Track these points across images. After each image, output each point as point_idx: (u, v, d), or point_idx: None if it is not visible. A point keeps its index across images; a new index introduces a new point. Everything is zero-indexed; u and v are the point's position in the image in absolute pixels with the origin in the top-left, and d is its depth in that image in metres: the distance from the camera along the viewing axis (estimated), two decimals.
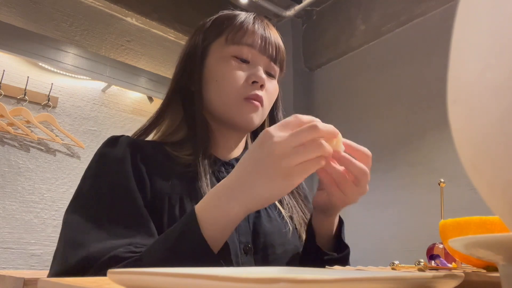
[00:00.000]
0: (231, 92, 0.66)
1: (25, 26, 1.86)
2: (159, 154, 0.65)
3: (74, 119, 1.98)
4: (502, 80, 0.17)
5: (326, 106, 2.36)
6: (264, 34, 0.70)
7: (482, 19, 0.18)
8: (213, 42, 0.70)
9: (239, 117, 0.68)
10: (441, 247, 0.49)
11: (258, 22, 0.70)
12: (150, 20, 2.28)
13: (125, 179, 0.58)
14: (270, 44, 0.70)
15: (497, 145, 0.17)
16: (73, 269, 0.49)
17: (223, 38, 0.69)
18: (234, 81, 0.66)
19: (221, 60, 0.68)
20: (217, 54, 0.69)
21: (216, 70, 0.68)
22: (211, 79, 0.69)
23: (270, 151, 0.46)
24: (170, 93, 0.73)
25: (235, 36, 0.68)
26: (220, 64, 0.68)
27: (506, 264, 0.21)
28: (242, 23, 0.69)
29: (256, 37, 0.69)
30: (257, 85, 0.67)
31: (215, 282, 0.19)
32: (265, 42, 0.69)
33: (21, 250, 1.72)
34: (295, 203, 0.73)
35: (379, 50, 2.12)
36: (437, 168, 1.73)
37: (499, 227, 0.37)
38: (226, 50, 0.68)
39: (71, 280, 0.28)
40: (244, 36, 0.68)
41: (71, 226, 0.55)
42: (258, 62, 0.69)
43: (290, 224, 0.69)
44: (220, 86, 0.67)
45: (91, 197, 0.57)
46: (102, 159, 0.62)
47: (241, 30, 0.68)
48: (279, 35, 0.74)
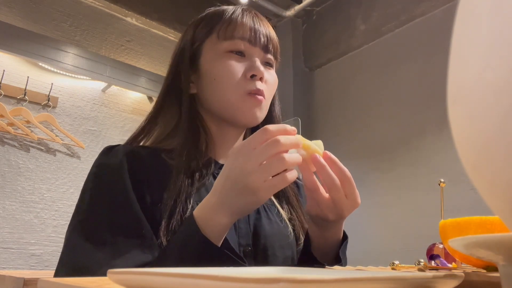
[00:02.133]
0: (231, 89, 0.65)
1: (25, 26, 1.86)
2: (155, 163, 0.63)
3: (74, 119, 1.98)
4: (502, 80, 0.17)
5: (326, 106, 2.36)
6: (254, 25, 0.68)
7: (482, 19, 0.18)
8: (205, 41, 0.69)
9: (241, 113, 0.66)
10: (441, 247, 0.49)
11: (247, 14, 0.69)
12: (150, 20, 2.28)
13: (123, 191, 0.57)
14: (262, 34, 0.68)
15: (497, 145, 0.17)
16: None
17: (214, 35, 0.67)
18: (233, 77, 0.65)
19: (215, 57, 0.67)
20: (210, 52, 0.68)
21: (212, 68, 0.67)
22: (208, 78, 0.67)
23: (239, 169, 0.48)
24: (162, 96, 0.71)
25: (226, 31, 0.66)
26: (216, 62, 0.66)
27: (506, 264, 0.21)
28: (231, 17, 0.68)
29: (247, 29, 0.67)
30: (256, 78, 0.66)
31: (215, 282, 0.19)
32: (256, 33, 0.68)
33: (21, 250, 1.72)
34: (295, 206, 0.73)
35: (379, 50, 2.12)
36: (437, 168, 1.72)
37: (499, 227, 0.37)
38: (219, 47, 0.67)
39: (71, 280, 0.28)
40: (235, 29, 0.67)
41: (71, 247, 0.54)
42: (252, 54, 0.67)
43: (290, 227, 0.69)
44: (219, 84, 0.66)
45: (90, 213, 0.56)
46: (99, 171, 0.61)
47: (231, 24, 0.67)
48: (270, 25, 0.72)
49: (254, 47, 0.68)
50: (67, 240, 0.56)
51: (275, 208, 0.70)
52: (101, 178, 0.60)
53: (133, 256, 0.52)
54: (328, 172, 0.53)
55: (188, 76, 0.69)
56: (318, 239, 0.62)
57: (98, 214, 0.56)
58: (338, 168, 0.53)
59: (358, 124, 2.13)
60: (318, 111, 2.38)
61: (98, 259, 0.51)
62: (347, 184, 0.54)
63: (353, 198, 0.55)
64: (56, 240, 1.81)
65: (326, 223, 0.59)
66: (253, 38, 0.67)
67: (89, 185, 0.60)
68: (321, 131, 2.35)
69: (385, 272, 0.31)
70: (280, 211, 0.70)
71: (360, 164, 2.03)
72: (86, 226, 0.55)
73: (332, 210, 0.55)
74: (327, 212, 0.56)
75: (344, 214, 0.56)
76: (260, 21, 0.70)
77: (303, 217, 0.72)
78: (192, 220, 0.50)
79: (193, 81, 0.70)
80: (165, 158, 0.64)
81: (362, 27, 2.20)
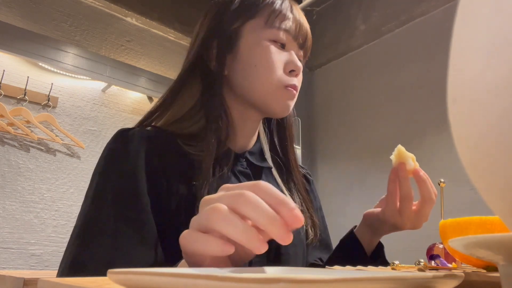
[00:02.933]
0: (271, 80, 0.64)
1: (25, 26, 1.86)
2: (172, 149, 0.61)
3: (74, 119, 1.98)
4: (502, 80, 0.17)
5: (326, 106, 2.36)
6: (300, 20, 0.68)
7: (482, 19, 0.18)
8: (247, 23, 0.66)
9: (276, 103, 0.65)
10: (441, 247, 0.49)
11: (293, 6, 0.68)
12: (150, 20, 2.28)
13: (133, 181, 0.55)
14: (302, 30, 0.68)
15: (496, 145, 0.17)
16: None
17: (262, 20, 0.65)
18: (275, 68, 0.64)
19: (257, 43, 0.64)
20: (252, 36, 0.65)
21: (254, 54, 0.64)
22: (247, 63, 0.64)
23: None
24: (185, 74, 0.68)
25: (275, 20, 0.65)
26: (258, 48, 0.64)
27: (506, 264, 0.21)
28: (281, 7, 0.66)
29: (293, 22, 0.66)
30: (294, 74, 0.66)
31: (215, 282, 0.19)
32: (300, 28, 0.67)
33: (21, 250, 1.72)
34: (306, 199, 0.74)
35: (379, 50, 2.12)
36: (437, 168, 1.72)
37: (499, 227, 0.37)
38: (263, 33, 0.65)
39: (71, 280, 0.28)
40: (284, 20, 0.65)
41: (74, 235, 0.53)
42: (291, 48, 0.67)
43: None
44: (259, 72, 0.64)
45: (95, 201, 0.55)
46: (111, 156, 0.58)
47: (281, 14, 0.65)
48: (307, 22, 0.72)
49: (294, 42, 0.67)
50: (75, 225, 0.55)
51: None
52: (111, 164, 0.58)
53: (135, 253, 0.51)
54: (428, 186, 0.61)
55: (224, 55, 0.66)
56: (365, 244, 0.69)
57: (102, 206, 0.54)
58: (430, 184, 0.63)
59: (358, 124, 2.13)
60: (318, 111, 2.38)
61: (96, 254, 0.50)
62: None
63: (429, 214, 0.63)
64: (56, 240, 1.81)
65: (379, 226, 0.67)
66: (297, 32, 0.67)
67: (98, 169, 0.58)
68: (321, 131, 2.35)
69: (385, 272, 0.31)
70: None
71: (360, 164, 2.03)
72: (88, 216, 0.54)
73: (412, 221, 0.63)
74: (407, 221, 0.63)
75: (419, 226, 0.64)
76: (302, 15, 0.69)
77: (313, 210, 0.73)
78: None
79: (230, 62, 0.67)
80: (181, 144, 0.62)
81: (362, 27, 2.20)
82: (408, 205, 0.63)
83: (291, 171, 0.74)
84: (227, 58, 0.66)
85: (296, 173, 0.74)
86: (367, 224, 0.70)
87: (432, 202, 0.62)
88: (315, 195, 0.82)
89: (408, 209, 0.62)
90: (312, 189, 0.82)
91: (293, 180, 0.73)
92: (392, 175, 0.64)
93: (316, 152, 2.36)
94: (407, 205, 0.62)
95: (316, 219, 0.71)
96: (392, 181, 0.64)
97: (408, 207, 0.62)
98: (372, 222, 0.69)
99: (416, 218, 0.63)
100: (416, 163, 0.62)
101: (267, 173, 0.71)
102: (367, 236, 0.70)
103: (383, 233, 0.70)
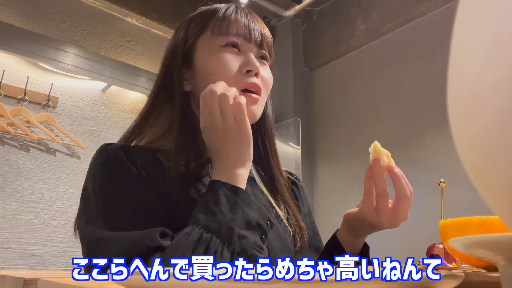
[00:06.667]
0: (228, 84, 0.63)
1: (25, 26, 1.86)
2: (152, 162, 0.62)
3: (74, 119, 1.98)
4: (501, 79, 0.17)
5: (326, 106, 2.36)
6: (248, 23, 0.68)
7: (482, 19, 0.18)
8: (199, 37, 0.68)
9: None
10: (441, 247, 0.49)
11: (241, 12, 0.69)
12: (150, 20, 2.28)
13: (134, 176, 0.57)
14: (256, 31, 0.68)
15: (497, 144, 0.17)
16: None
17: (209, 31, 0.67)
18: (228, 71, 0.64)
19: (210, 53, 0.66)
20: (205, 48, 0.66)
21: (207, 63, 0.65)
22: (203, 74, 0.65)
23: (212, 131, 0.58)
24: (154, 95, 0.70)
25: (221, 27, 0.66)
26: (211, 57, 0.65)
27: (506, 264, 0.21)
28: (225, 14, 0.67)
29: (241, 26, 0.67)
30: (252, 74, 0.65)
31: (215, 282, 0.19)
32: (250, 30, 0.67)
33: (21, 250, 1.72)
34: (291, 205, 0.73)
35: (379, 50, 2.12)
36: (437, 168, 1.73)
37: (499, 227, 0.37)
38: (213, 43, 0.66)
39: (71, 280, 0.28)
40: (230, 26, 0.66)
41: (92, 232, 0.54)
42: (247, 50, 0.67)
43: (289, 228, 0.69)
44: (214, 79, 0.63)
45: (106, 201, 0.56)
46: (105, 164, 0.60)
47: (225, 21, 0.66)
48: (263, 22, 0.72)
49: (249, 44, 0.67)
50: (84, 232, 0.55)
51: (273, 210, 0.69)
52: (109, 168, 0.59)
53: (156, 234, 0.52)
54: (402, 183, 0.59)
55: (181, 73, 0.67)
56: (348, 246, 0.68)
57: (115, 200, 0.55)
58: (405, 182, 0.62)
59: (358, 124, 2.13)
60: (318, 111, 2.38)
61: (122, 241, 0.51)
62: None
63: (407, 212, 0.60)
64: (56, 240, 1.81)
65: (358, 227, 0.65)
66: (248, 34, 0.67)
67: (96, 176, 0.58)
68: (321, 131, 2.35)
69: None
70: (278, 211, 0.69)
71: (360, 164, 2.03)
72: (104, 216, 0.54)
73: (389, 219, 0.61)
74: (385, 220, 0.61)
75: (397, 225, 0.62)
76: (254, 19, 0.70)
77: (299, 215, 0.72)
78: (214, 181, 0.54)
79: (187, 79, 0.68)
80: (161, 158, 0.63)
81: (362, 27, 2.20)
82: (384, 202, 0.61)
83: (273, 178, 0.73)
84: (186, 74, 0.68)
85: (280, 180, 0.73)
86: (348, 225, 0.69)
87: (407, 199, 0.60)
88: (304, 201, 0.81)
89: (384, 206, 0.60)
90: (301, 194, 0.81)
91: (277, 188, 0.72)
92: (368, 172, 0.62)
93: (316, 152, 2.36)
94: (383, 202, 0.61)
95: (303, 224, 0.70)
96: (368, 179, 0.62)
97: (384, 204, 0.61)
98: (351, 222, 0.68)
99: (393, 216, 0.61)
100: (392, 159, 0.61)
101: (251, 183, 0.70)
102: (348, 237, 0.69)
103: (364, 233, 0.68)
